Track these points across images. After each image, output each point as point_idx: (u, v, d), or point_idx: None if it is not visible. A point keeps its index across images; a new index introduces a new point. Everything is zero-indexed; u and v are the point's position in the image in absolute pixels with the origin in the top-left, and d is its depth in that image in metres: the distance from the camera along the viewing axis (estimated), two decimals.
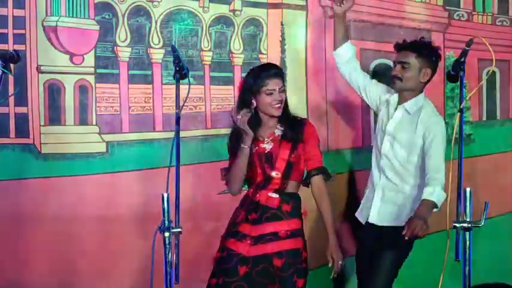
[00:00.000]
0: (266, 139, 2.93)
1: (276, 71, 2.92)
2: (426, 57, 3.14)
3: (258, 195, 2.88)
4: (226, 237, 2.93)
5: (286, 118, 2.94)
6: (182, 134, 2.55)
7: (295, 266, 2.84)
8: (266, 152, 2.89)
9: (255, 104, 2.88)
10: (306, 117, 3.49)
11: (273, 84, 2.86)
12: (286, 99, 2.95)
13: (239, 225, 2.88)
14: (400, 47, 3.20)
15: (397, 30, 4.20)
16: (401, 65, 3.14)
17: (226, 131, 3.18)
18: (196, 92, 3.55)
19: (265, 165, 2.88)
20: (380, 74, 3.90)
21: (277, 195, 2.87)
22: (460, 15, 4.68)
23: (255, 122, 2.91)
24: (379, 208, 3.26)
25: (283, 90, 2.90)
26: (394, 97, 3.26)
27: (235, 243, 2.86)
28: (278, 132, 2.93)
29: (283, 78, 2.95)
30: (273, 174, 2.88)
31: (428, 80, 3.20)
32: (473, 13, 4.74)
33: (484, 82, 4.63)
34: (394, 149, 3.20)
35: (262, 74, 2.90)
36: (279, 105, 2.87)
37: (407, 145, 3.16)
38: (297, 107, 3.92)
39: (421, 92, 3.21)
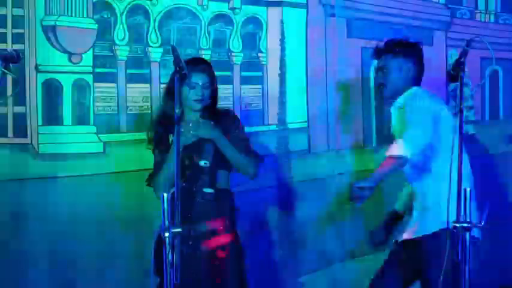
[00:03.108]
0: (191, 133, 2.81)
1: (203, 66, 2.85)
2: (402, 54, 3.00)
3: (192, 187, 2.82)
4: None
5: (210, 115, 2.87)
6: None
7: (239, 258, 2.86)
8: (192, 141, 2.80)
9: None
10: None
11: (196, 77, 2.80)
12: (215, 98, 2.89)
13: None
14: (377, 54, 3.07)
15: (399, 29, 4.18)
16: (381, 71, 3.03)
17: None
18: None
19: (193, 155, 2.82)
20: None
21: (212, 190, 2.83)
22: (463, 13, 4.65)
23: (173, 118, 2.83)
24: (409, 222, 3.01)
25: (207, 87, 2.83)
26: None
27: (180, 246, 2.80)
28: None
29: (211, 74, 2.86)
30: (202, 163, 2.83)
31: (418, 78, 3.05)
32: (476, 11, 4.72)
33: (486, 81, 4.61)
34: None
35: (188, 66, 2.77)
36: (198, 99, 2.81)
37: None
38: (297, 106, 3.93)
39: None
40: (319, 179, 3.98)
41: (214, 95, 2.89)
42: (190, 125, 2.77)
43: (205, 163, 2.83)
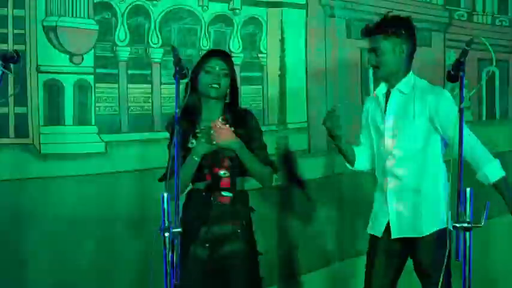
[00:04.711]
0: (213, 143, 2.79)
1: (221, 54, 2.85)
2: (395, 34, 2.89)
3: (211, 194, 2.81)
4: (185, 241, 2.70)
5: (231, 111, 2.85)
6: None
7: (255, 263, 2.85)
8: (212, 150, 2.78)
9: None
10: (304, 116, 3.44)
11: (213, 62, 2.79)
12: (236, 95, 2.88)
13: (195, 228, 2.80)
14: (366, 33, 2.96)
15: None
16: (374, 52, 2.92)
17: None
18: None
19: (212, 164, 2.80)
20: None
21: (231, 194, 2.82)
22: (460, 15, 4.68)
23: (196, 110, 2.82)
24: (397, 217, 2.92)
25: (226, 75, 2.80)
26: (380, 89, 3.04)
27: (195, 248, 2.80)
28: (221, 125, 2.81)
29: (230, 64, 2.84)
30: (221, 173, 2.81)
31: (411, 55, 2.96)
32: (474, 13, 4.75)
33: (483, 82, 4.63)
34: (399, 141, 2.93)
35: (207, 53, 2.84)
36: (216, 85, 2.78)
37: (412, 131, 2.90)
38: (297, 106, 3.94)
39: (409, 70, 2.97)
40: (319, 178, 4.00)
41: (234, 91, 2.86)
42: (212, 132, 2.74)
43: (224, 173, 2.82)
